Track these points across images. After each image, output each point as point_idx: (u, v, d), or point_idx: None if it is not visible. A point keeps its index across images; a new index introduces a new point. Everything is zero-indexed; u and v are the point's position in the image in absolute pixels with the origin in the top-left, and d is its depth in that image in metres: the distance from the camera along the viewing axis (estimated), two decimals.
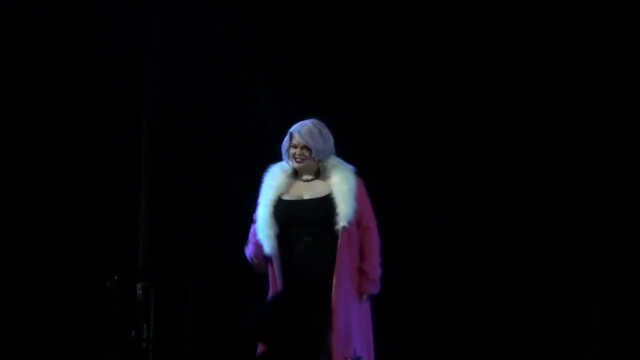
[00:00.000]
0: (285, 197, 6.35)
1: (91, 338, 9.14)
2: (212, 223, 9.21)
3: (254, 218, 6.53)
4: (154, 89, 9.38)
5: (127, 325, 8.92)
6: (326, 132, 6.42)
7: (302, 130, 6.35)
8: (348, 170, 6.36)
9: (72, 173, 9.58)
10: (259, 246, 6.45)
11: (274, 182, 6.42)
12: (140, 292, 8.98)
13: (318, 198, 6.31)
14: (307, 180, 6.38)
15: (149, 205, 9.30)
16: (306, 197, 6.34)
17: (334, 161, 6.41)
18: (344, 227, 6.24)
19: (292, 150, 6.35)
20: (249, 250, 6.58)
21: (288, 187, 6.41)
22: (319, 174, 6.40)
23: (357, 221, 6.34)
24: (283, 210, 6.34)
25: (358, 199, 6.30)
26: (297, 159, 6.33)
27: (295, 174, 6.40)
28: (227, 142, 9.33)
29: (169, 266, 9.50)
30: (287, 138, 6.42)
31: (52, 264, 9.35)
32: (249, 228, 6.66)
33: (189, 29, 9.28)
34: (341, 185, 6.29)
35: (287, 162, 6.41)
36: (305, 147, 6.32)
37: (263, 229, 6.36)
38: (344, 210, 6.23)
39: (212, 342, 9.29)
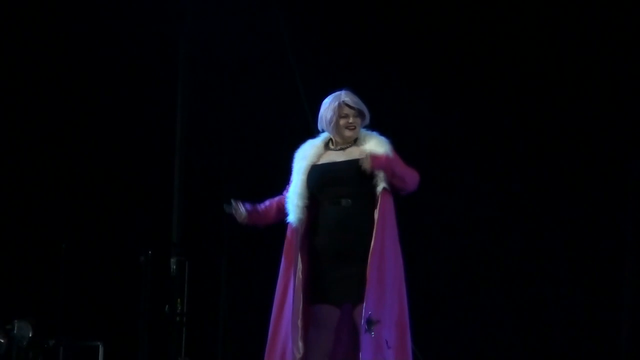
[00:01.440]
0: (318, 163, 6.27)
1: (126, 312, 9.34)
2: (247, 198, 9.26)
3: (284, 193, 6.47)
4: (188, 64, 9.54)
5: (162, 300, 9.08)
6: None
7: (352, 98, 6.31)
8: (381, 137, 6.30)
9: (107, 148, 9.79)
10: (277, 206, 6.38)
11: (305, 154, 6.34)
12: (174, 267, 9.12)
13: (355, 159, 6.19)
14: (342, 149, 6.28)
15: (183, 180, 9.43)
16: (341, 160, 6.24)
17: (365, 131, 6.36)
18: (384, 189, 6.14)
19: (343, 121, 6.27)
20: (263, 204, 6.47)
21: (320, 157, 6.33)
22: (357, 142, 6.33)
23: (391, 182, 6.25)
24: (317, 173, 6.21)
25: (390, 162, 6.20)
26: (351, 127, 6.26)
27: (327, 145, 6.34)
28: (261, 115, 9.46)
29: (203, 241, 9.61)
30: (333, 110, 6.31)
31: (87, 239, 9.57)
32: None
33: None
34: (377, 148, 6.19)
35: (333, 134, 6.31)
36: (359, 114, 6.29)
37: (293, 199, 6.25)
38: (379, 172, 6.12)
39: (245, 318, 9.45)
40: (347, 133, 6.22)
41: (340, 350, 6.20)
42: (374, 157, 6.09)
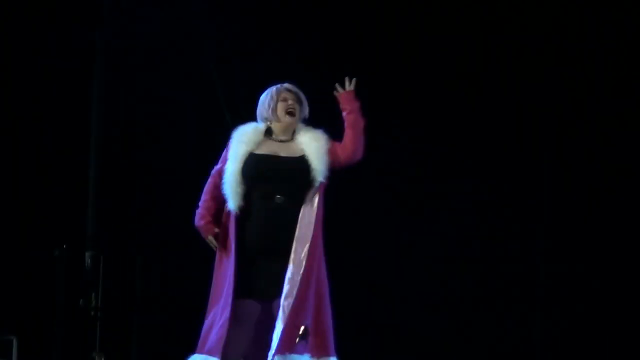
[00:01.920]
0: (257, 152, 6.25)
1: (40, 307, 9.32)
2: (162, 191, 9.49)
3: (212, 173, 6.42)
4: (106, 52, 9.56)
5: (76, 294, 9.08)
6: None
7: (290, 85, 6.39)
8: (317, 130, 6.34)
9: (20, 140, 9.73)
10: (216, 201, 6.32)
11: (245, 137, 6.31)
12: (89, 261, 9.14)
13: (296, 157, 6.25)
14: (282, 141, 6.31)
15: (99, 173, 9.43)
16: (282, 154, 6.26)
17: (302, 126, 6.40)
18: (321, 182, 6.22)
19: (282, 104, 6.30)
20: (201, 208, 6.40)
21: (260, 145, 6.30)
22: (293, 136, 6.37)
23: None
24: (255, 163, 6.20)
25: (332, 151, 6.31)
26: (291, 111, 6.28)
27: (268, 134, 6.34)
28: (180, 112, 9.53)
29: (118, 235, 9.62)
30: (271, 95, 6.36)
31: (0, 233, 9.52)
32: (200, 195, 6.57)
33: None
34: (312, 143, 6.26)
35: (273, 120, 6.33)
36: (297, 99, 6.35)
37: (232, 185, 6.20)
38: (319, 167, 6.19)
39: (160, 311, 9.50)
40: (287, 119, 6.25)
41: (255, 345, 6.24)
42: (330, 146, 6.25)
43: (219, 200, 6.26)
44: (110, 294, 9.33)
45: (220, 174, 6.26)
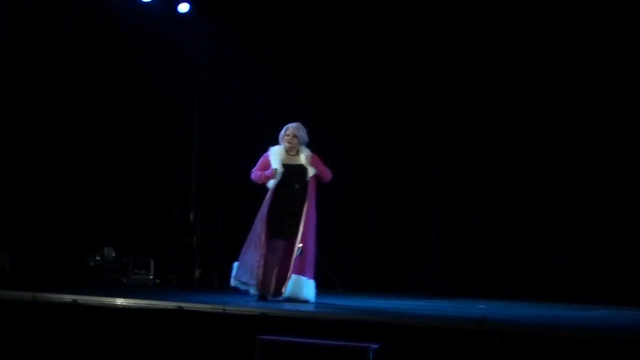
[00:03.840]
0: (284, 162, 10.13)
1: (166, 242, 14.06)
2: (233, 181, 13.51)
3: (257, 167, 10.21)
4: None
5: (185, 235, 13.92)
6: (304, 129, 10.30)
7: (293, 126, 10.21)
8: (306, 150, 10.27)
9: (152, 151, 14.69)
10: (264, 176, 10.14)
11: (276, 152, 10.21)
12: (192, 217, 14.28)
13: (299, 164, 10.16)
14: (292, 155, 10.21)
15: (197, 176, 14.50)
16: (294, 163, 10.17)
17: (303, 147, 10.27)
18: (312, 177, 10.09)
19: (286, 138, 10.21)
20: (257, 174, 10.20)
21: (283, 157, 10.17)
22: (298, 152, 10.23)
23: (317, 174, 10.10)
24: (283, 167, 10.08)
25: (313, 163, 10.18)
26: (290, 143, 10.19)
27: (285, 151, 10.23)
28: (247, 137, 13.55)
29: (207, 202, 14.41)
30: (282, 132, 10.25)
31: (148, 200, 14.55)
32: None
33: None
34: (304, 156, 10.22)
35: (282, 144, 10.21)
36: (294, 135, 10.20)
37: (275, 176, 10.07)
38: (309, 169, 10.18)
39: (230, 246, 12.58)
40: (287, 145, 10.28)
41: (282, 264, 10.13)
42: (312, 159, 10.08)
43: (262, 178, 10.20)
44: (204, 235, 14.10)
45: (263, 168, 10.25)
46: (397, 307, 9.83)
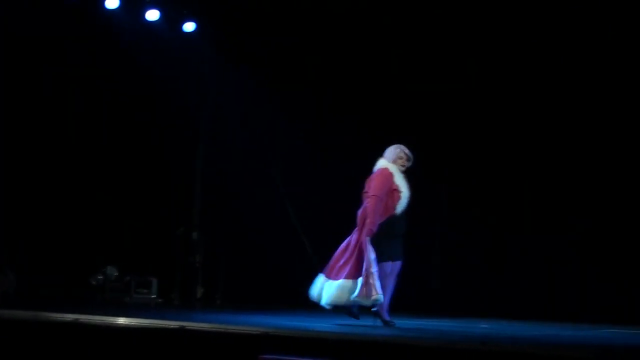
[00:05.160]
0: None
1: (169, 261, 14.33)
2: (237, 204, 14.28)
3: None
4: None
5: (189, 254, 14.17)
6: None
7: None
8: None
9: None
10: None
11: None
12: (196, 236, 14.52)
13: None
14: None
15: (201, 199, 14.76)
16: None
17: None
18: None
19: (400, 161, 9.76)
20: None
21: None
22: None
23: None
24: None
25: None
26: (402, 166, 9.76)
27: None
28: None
29: (211, 223, 14.72)
30: (399, 151, 9.77)
31: (152, 219, 14.69)
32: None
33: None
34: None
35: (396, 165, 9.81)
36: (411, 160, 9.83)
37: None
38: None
39: (232, 265, 14.34)
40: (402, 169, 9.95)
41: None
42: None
43: None
44: (206, 255, 14.34)
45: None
46: (408, 327, 9.91)
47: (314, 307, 12.33)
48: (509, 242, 13.07)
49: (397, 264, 9.69)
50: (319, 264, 12.80)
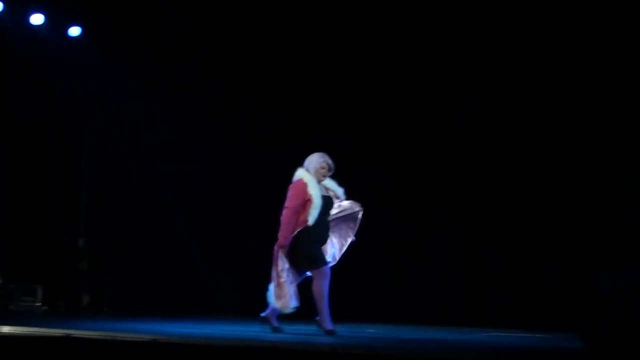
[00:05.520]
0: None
1: (55, 268, 14.16)
2: (122, 210, 14.27)
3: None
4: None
5: (75, 261, 14.03)
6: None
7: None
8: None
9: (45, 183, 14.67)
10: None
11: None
12: (82, 243, 14.40)
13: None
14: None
15: (86, 205, 14.60)
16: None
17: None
18: None
19: (322, 170, 9.80)
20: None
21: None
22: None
23: None
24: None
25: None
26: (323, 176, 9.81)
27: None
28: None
29: (97, 229, 14.48)
30: (322, 160, 9.78)
31: (36, 226, 14.43)
32: None
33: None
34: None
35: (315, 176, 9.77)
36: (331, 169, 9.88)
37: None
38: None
39: (119, 272, 14.19)
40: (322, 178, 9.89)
41: None
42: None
43: None
44: (92, 261, 14.24)
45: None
46: (296, 332, 9.83)
47: (202, 314, 12.96)
48: (396, 245, 13.11)
49: (322, 270, 9.65)
50: (207, 272, 13.08)
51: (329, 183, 9.96)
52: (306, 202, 9.63)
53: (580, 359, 6.75)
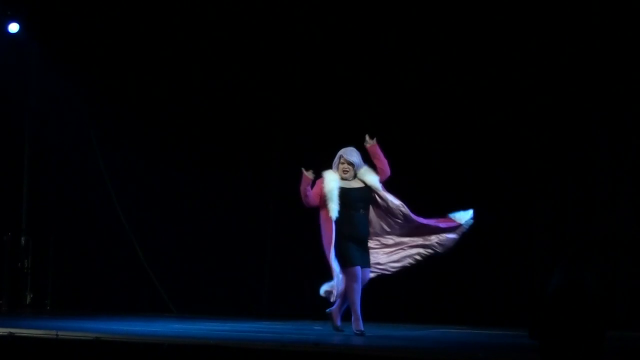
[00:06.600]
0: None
1: None
2: (67, 204, 14.10)
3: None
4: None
5: (16, 260, 13.84)
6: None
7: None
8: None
9: None
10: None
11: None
12: (23, 242, 14.18)
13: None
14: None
15: (29, 201, 14.41)
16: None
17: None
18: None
19: (341, 166, 9.50)
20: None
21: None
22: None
23: None
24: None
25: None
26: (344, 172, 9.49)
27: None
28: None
29: (39, 228, 14.35)
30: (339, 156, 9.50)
31: None
32: None
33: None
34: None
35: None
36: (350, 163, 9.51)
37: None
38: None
39: (62, 271, 14.07)
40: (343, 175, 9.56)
41: None
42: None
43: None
44: (35, 260, 14.04)
45: None
46: (244, 330, 9.79)
47: (147, 312, 12.92)
48: None
49: (350, 271, 9.33)
50: (150, 269, 13.01)
51: (366, 174, 9.58)
52: (323, 196, 9.37)
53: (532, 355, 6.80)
